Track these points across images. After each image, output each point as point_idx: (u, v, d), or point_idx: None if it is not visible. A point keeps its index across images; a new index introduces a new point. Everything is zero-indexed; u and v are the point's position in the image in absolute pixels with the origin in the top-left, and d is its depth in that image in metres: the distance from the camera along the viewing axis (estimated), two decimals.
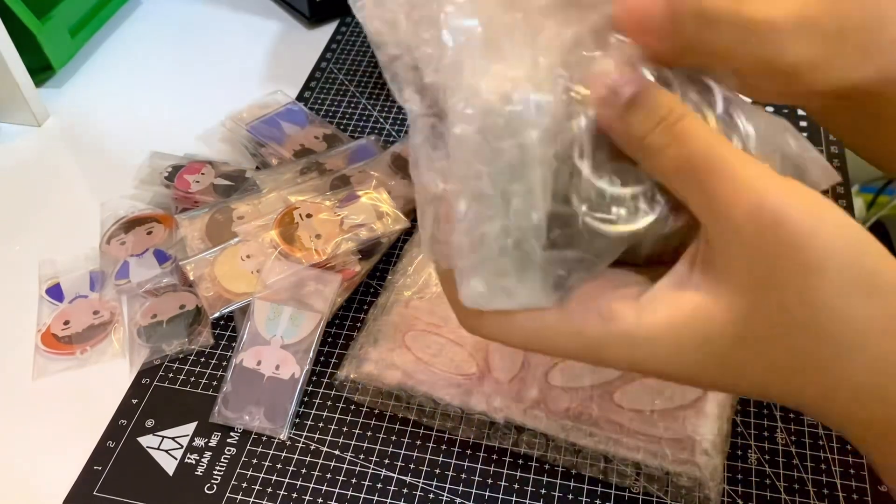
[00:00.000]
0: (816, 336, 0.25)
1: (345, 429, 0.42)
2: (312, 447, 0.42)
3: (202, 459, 0.41)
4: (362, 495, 0.40)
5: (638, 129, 0.26)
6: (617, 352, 0.27)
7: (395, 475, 0.40)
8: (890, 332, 0.25)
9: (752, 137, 0.28)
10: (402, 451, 0.41)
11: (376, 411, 0.43)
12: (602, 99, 0.26)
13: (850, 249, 0.25)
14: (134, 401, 0.44)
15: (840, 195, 0.54)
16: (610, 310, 0.27)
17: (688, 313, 0.26)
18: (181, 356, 0.46)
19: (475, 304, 0.28)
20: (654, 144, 0.26)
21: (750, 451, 0.41)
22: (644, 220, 0.27)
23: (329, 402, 0.44)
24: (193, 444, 0.42)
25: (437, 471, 0.40)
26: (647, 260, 0.29)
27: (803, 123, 0.59)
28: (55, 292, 0.49)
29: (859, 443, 0.28)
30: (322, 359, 0.45)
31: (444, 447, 0.41)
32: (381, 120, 0.61)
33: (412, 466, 0.41)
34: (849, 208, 0.53)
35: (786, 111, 0.60)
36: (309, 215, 0.49)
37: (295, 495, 0.40)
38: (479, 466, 0.41)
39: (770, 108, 0.59)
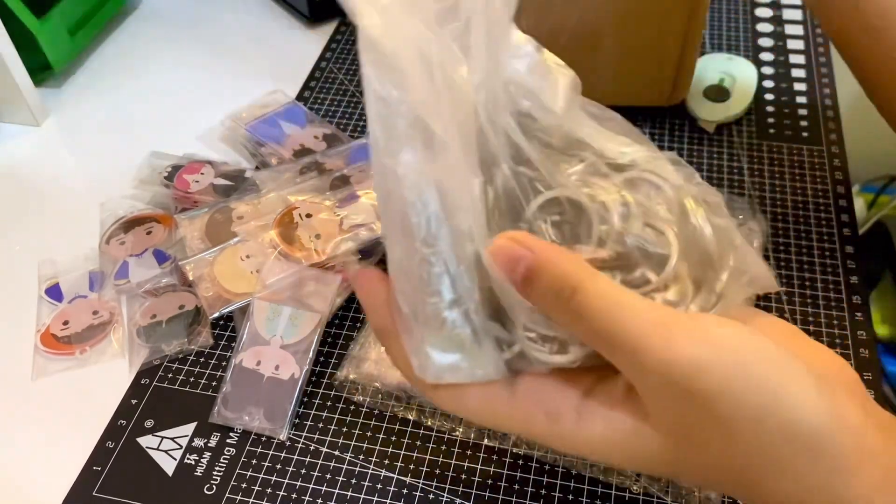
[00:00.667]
0: (738, 476, 0.27)
1: (344, 429, 0.42)
2: (312, 447, 0.42)
3: (201, 460, 0.41)
4: (362, 496, 0.40)
5: (538, 303, 0.27)
6: (560, 445, 0.29)
7: (395, 475, 0.40)
8: (810, 470, 0.26)
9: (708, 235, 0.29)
10: (402, 452, 0.41)
11: (376, 411, 0.43)
12: (505, 270, 0.26)
13: (763, 399, 0.25)
14: (133, 401, 0.44)
15: (840, 195, 0.54)
16: (556, 411, 0.28)
17: (620, 434, 0.28)
18: (181, 356, 0.46)
19: (424, 376, 0.29)
20: (556, 319, 0.27)
21: None
22: (575, 354, 0.28)
23: (329, 403, 0.43)
24: (193, 444, 0.42)
25: (437, 471, 0.40)
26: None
27: (804, 123, 0.59)
28: (54, 292, 0.49)
29: None
30: (322, 359, 0.45)
31: (443, 447, 0.41)
32: None
33: (412, 467, 0.41)
34: (849, 209, 0.53)
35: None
36: (309, 215, 0.49)
37: (294, 496, 0.40)
38: (478, 467, 0.40)
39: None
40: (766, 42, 0.67)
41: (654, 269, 0.28)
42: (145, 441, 0.42)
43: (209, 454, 0.41)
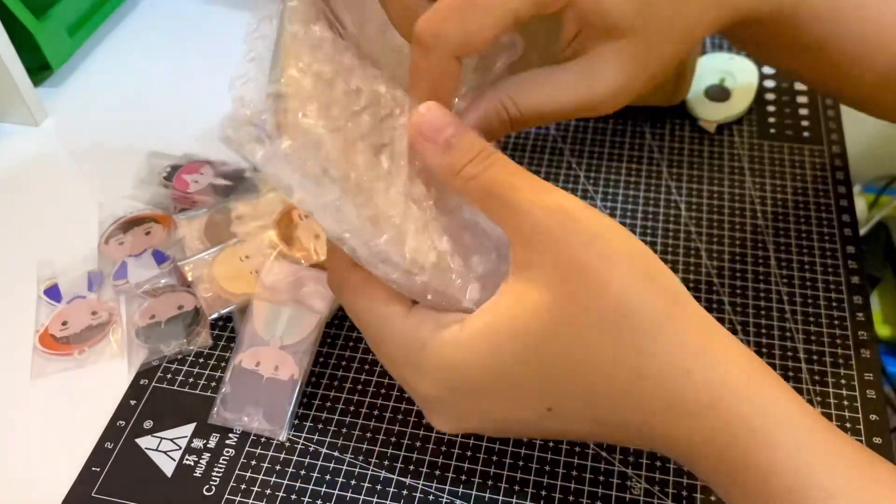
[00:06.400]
0: (617, 320, 0.28)
1: (344, 429, 0.42)
2: (312, 448, 0.41)
3: (201, 461, 0.41)
4: (362, 496, 0.39)
5: (455, 162, 0.31)
6: (440, 352, 0.31)
7: (395, 476, 0.40)
8: (673, 316, 0.29)
9: None
10: (402, 453, 0.41)
11: (376, 412, 0.43)
12: (423, 139, 0.31)
13: (633, 246, 0.29)
14: (132, 402, 0.44)
15: (841, 195, 0.54)
16: (445, 319, 0.31)
17: (503, 313, 0.30)
18: (180, 357, 0.46)
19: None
20: (468, 174, 0.31)
21: None
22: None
23: (329, 403, 0.43)
24: (192, 445, 0.42)
25: (437, 472, 0.40)
26: None
27: (805, 123, 0.59)
28: (53, 293, 0.49)
29: (684, 457, 0.30)
30: (321, 359, 0.45)
31: (443, 448, 0.41)
32: None
33: (412, 467, 0.40)
34: (850, 209, 0.53)
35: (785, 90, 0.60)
36: (308, 215, 0.49)
37: (294, 497, 0.40)
38: (478, 467, 0.40)
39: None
40: None
41: None
42: (144, 442, 0.42)
43: (208, 455, 0.41)
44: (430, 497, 0.39)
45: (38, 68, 0.64)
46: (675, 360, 0.28)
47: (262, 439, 0.42)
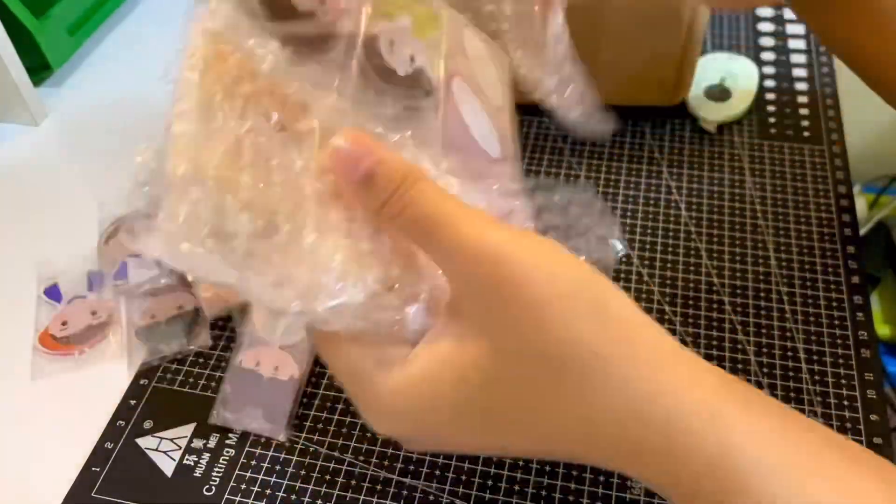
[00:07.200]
0: (558, 366, 0.26)
1: (344, 430, 0.42)
2: (312, 448, 0.41)
3: (201, 461, 0.41)
4: (361, 497, 0.39)
5: (375, 200, 0.28)
6: (384, 398, 0.29)
7: (395, 476, 0.40)
8: (622, 354, 0.26)
9: None
10: (402, 453, 0.41)
11: None
12: (339, 171, 0.28)
13: (572, 284, 0.27)
14: (132, 402, 0.44)
15: (842, 195, 0.54)
16: (385, 356, 0.29)
17: (441, 359, 0.28)
18: (179, 357, 0.46)
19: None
20: (390, 211, 0.28)
21: None
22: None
23: (328, 403, 0.43)
24: (192, 445, 0.42)
25: (437, 472, 0.40)
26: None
27: (805, 123, 0.59)
28: (53, 293, 0.49)
29: (657, 490, 0.28)
30: (321, 359, 0.45)
31: None
32: None
33: (412, 468, 0.40)
34: (850, 209, 0.53)
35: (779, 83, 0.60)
36: None
37: (294, 497, 0.40)
38: (479, 468, 0.40)
39: None
40: (767, 41, 0.67)
41: None
42: (144, 442, 0.42)
43: (208, 455, 0.41)
44: (430, 497, 0.39)
45: (38, 68, 0.64)
46: (625, 403, 0.26)
47: (262, 439, 0.42)
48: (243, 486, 0.40)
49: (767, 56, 0.66)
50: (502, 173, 0.34)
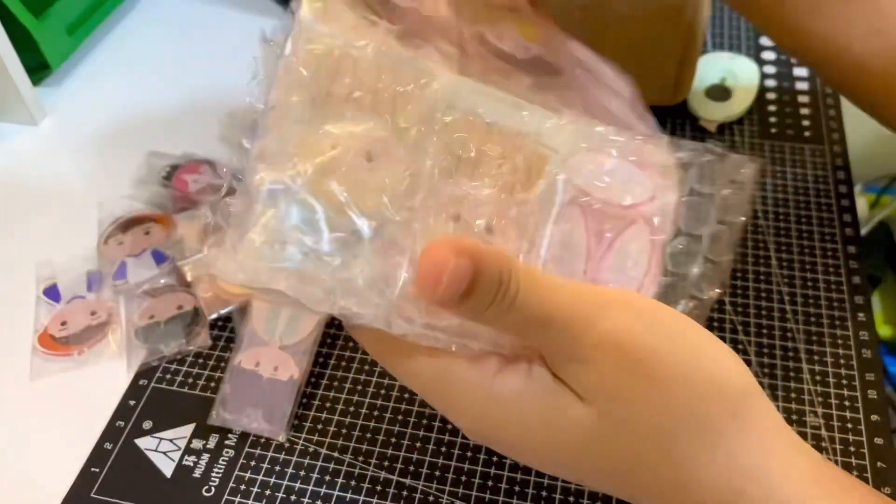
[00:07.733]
0: (670, 437, 0.27)
1: (344, 430, 0.42)
2: (311, 449, 0.41)
3: (200, 461, 0.41)
4: (361, 497, 0.39)
5: (475, 310, 0.27)
6: (474, 395, 0.29)
7: (395, 477, 0.40)
8: (730, 430, 0.27)
9: None
10: (402, 454, 0.41)
11: (376, 412, 0.43)
12: (432, 292, 0.26)
13: (693, 356, 0.27)
14: (131, 402, 0.44)
15: (843, 195, 0.53)
16: (481, 358, 0.29)
17: (539, 388, 0.28)
18: (179, 357, 0.46)
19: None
20: (492, 318, 0.27)
21: None
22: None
23: (328, 404, 0.43)
24: (191, 446, 0.42)
25: (437, 473, 0.40)
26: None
27: (806, 122, 0.59)
28: (52, 293, 0.49)
29: None
30: (321, 360, 0.45)
31: (443, 449, 0.41)
32: None
33: (412, 468, 0.40)
34: (851, 209, 0.53)
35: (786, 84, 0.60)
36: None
37: (294, 498, 0.39)
38: (479, 468, 0.40)
39: None
40: (768, 41, 0.67)
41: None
42: (143, 442, 0.42)
43: (208, 456, 0.41)
44: (430, 498, 0.39)
45: (38, 68, 0.63)
46: (727, 477, 0.27)
47: (262, 440, 0.42)
48: (243, 487, 0.40)
49: (768, 55, 0.65)
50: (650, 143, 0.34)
